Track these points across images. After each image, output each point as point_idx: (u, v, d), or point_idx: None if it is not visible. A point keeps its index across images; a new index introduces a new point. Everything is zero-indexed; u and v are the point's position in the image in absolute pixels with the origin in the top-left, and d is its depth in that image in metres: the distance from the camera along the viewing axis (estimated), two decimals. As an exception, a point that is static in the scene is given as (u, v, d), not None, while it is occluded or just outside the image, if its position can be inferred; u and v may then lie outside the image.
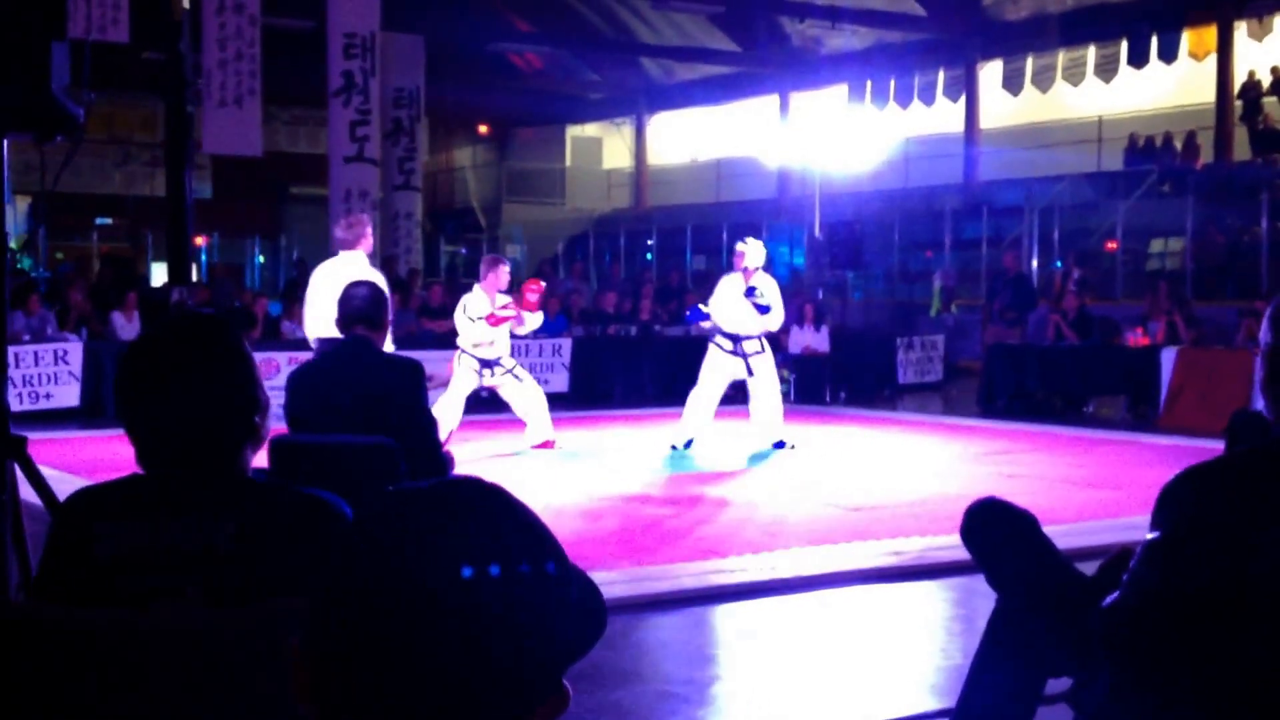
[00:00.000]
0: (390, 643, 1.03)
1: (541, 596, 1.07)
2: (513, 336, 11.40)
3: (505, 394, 11.26)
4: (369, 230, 8.81)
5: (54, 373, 13.60)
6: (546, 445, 11.29)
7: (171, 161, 6.45)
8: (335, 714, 1.06)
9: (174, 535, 2.12)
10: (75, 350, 13.75)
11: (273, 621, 1.99)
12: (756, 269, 10.99)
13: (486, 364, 10.95)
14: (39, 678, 2.01)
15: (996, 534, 2.70)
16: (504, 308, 10.81)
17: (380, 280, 8.59)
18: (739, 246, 11.03)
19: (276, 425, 5.06)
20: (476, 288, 11.08)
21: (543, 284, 11.36)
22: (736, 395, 11.65)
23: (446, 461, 5.24)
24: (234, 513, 2.14)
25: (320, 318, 8.47)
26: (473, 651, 1.03)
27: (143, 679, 2.01)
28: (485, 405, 12.45)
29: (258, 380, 2.28)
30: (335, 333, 8.41)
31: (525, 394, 11.15)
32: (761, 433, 11.39)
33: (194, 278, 24.49)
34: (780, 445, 11.32)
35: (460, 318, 10.90)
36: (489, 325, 10.77)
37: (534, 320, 11.18)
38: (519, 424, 11.36)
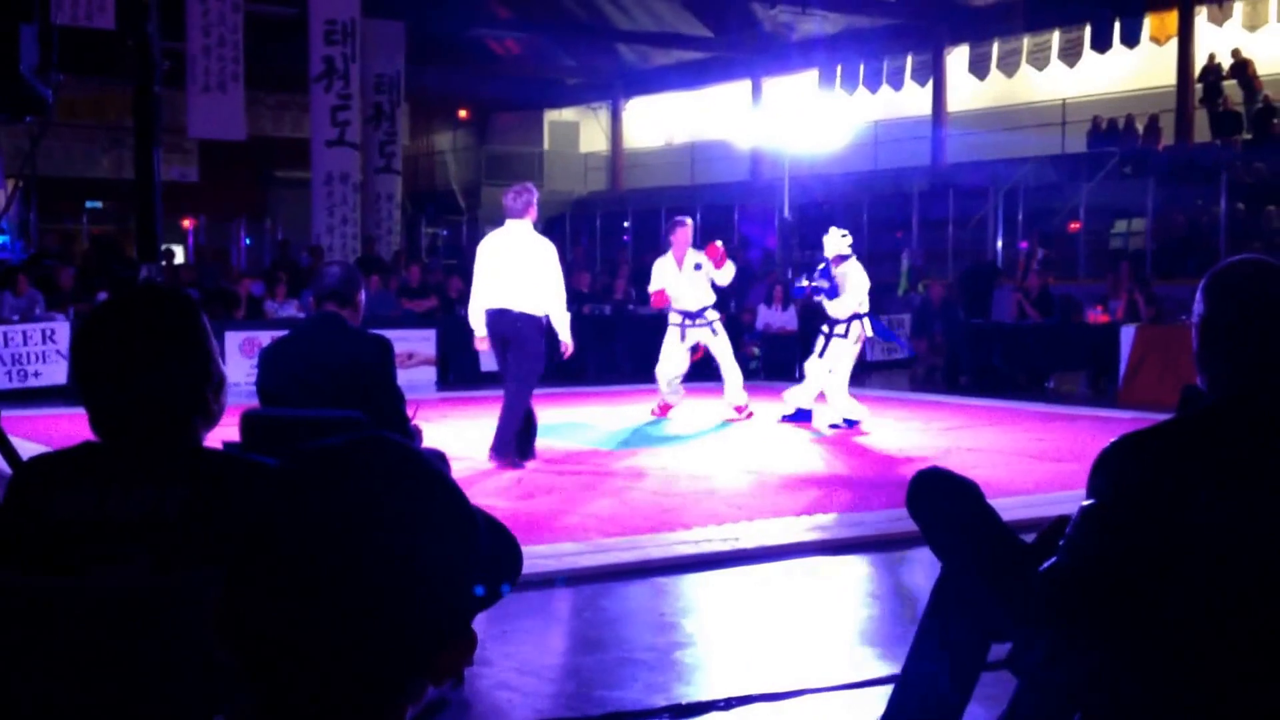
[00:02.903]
0: (304, 591, 1.07)
1: (452, 543, 1.11)
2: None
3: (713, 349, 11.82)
4: (535, 199, 9.07)
5: (42, 351, 13.93)
6: (739, 411, 11.73)
7: (140, 142, 6.53)
8: (251, 660, 1.10)
9: (123, 503, 2.13)
10: (62, 330, 14.02)
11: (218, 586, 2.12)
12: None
13: (688, 315, 11.58)
14: None
15: (939, 503, 2.70)
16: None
17: (548, 248, 8.95)
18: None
19: (250, 400, 5.19)
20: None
21: (720, 244, 12.03)
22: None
23: (416, 434, 5.30)
24: (182, 481, 2.16)
25: (492, 289, 8.84)
26: (385, 598, 1.08)
27: (90, 642, 2.03)
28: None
29: (212, 355, 2.30)
30: (502, 304, 8.79)
31: (718, 348, 11.72)
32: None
33: (180, 259, 24.65)
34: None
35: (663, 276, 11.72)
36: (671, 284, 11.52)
37: (727, 273, 11.73)
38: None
